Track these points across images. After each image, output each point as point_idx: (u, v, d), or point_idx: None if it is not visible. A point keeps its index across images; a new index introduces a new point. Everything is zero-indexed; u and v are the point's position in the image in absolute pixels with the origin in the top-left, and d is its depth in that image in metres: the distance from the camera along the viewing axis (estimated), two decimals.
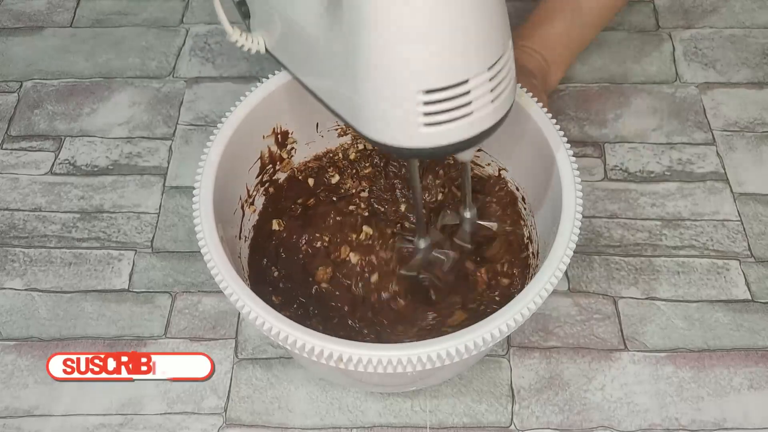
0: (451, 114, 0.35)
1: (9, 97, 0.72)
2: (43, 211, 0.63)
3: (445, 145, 0.36)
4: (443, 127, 0.35)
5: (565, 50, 0.63)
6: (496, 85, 0.36)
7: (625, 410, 0.52)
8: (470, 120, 0.36)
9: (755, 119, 0.68)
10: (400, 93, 0.35)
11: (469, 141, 0.37)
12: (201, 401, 0.53)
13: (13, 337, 0.56)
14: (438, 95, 0.34)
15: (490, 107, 0.36)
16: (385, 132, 0.37)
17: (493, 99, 0.36)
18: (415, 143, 0.36)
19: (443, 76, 0.34)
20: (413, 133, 0.36)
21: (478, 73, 0.35)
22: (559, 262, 0.42)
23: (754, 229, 0.61)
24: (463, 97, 0.35)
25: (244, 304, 0.40)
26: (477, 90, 0.35)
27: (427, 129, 0.35)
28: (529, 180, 0.52)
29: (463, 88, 0.35)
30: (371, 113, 0.37)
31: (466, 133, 0.36)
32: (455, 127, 0.36)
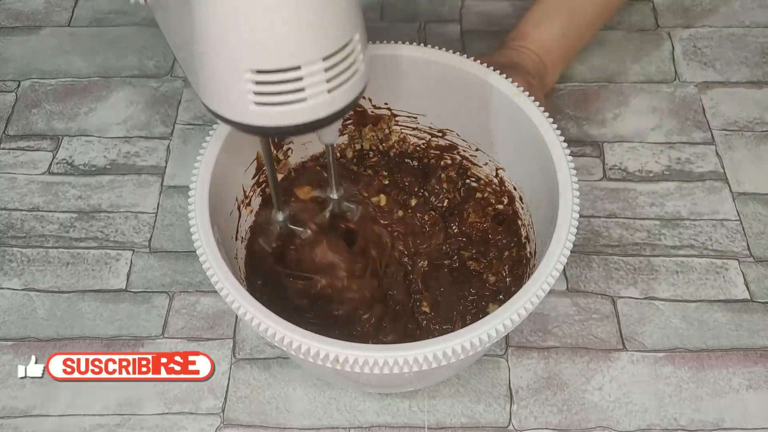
0: (282, 97, 0.35)
1: (7, 97, 0.71)
2: (40, 210, 0.63)
3: (276, 126, 0.36)
4: (275, 108, 0.35)
5: (562, 50, 0.63)
6: (334, 76, 0.36)
7: (624, 410, 0.52)
8: (303, 106, 0.36)
9: (755, 119, 0.68)
10: (232, 70, 0.35)
11: (304, 126, 0.37)
12: (199, 401, 0.53)
13: (11, 336, 0.56)
14: (267, 77, 0.34)
15: (326, 96, 0.36)
16: (220, 105, 0.37)
17: (330, 89, 0.36)
18: (248, 120, 0.36)
19: (273, 59, 0.34)
20: (245, 110, 0.36)
21: (311, 61, 0.34)
22: (555, 262, 0.41)
23: (753, 229, 0.61)
24: (295, 83, 0.35)
25: (240, 305, 0.40)
26: (310, 78, 0.35)
27: (258, 108, 0.35)
28: (527, 179, 0.52)
29: (294, 74, 0.34)
30: (208, 85, 0.37)
31: (299, 118, 0.36)
32: (287, 110, 0.36)
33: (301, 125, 0.37)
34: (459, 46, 0.74)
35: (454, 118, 0.55)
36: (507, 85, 0.49)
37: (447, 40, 0.74)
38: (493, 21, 0.76)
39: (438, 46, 0.52)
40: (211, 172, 0.45)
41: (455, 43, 0.74)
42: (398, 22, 0.77)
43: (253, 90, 0.35)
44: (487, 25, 0.76)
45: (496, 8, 0.77)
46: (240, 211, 0.52)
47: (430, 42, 0.53)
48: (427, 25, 0.76)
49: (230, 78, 0.35)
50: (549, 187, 0.46)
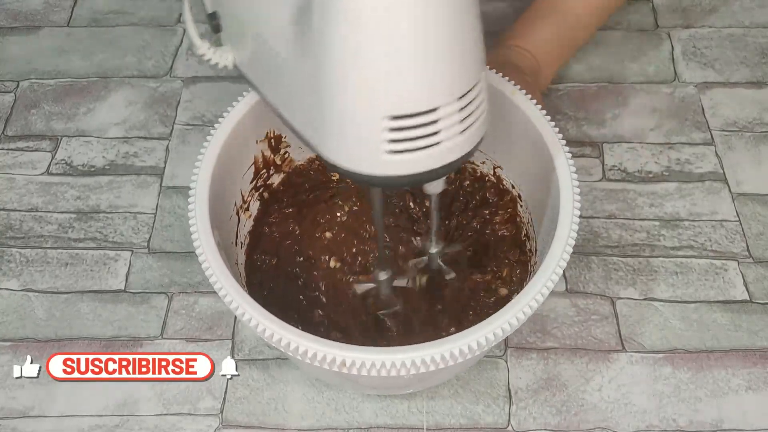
0: (418, 143, 0.34)
1: (6, 97, 0.71)
2: (39, 211, 0.63)
3: (410, 175, 0.35)
4: (409, 155, 0.34)
5: (556, 51, 0.63)
6: (466, 116, 0.35)
7: (623, 411, 0.52)
8: (437, 150, 0.35)
9: (754, 119, 0.68)
10: (365, 118, 0.34)
11: (436, 171, 0.36)
12: (197, 402, 0.53)
13: (9, 337, 0.56)
14: (404, 122, 0.33)
15: (460, 138, 0.35)
16: (348, 158, 0.36)
17: (463, 130, 0.35)
18: (379, 171, 0.35)
19: (410, 102, 0.33)
20: (377, 161, 0.35)
21: (447, 102, 0.34)
22: (556, 265, 0.41)
23: (752, 230, 0.61)
24: (431, 126, 0.34)
25: (238, 305, 0.40)
26: (446, 120, 0.34)
27: (392, 157, 0.34)
28: (525, 177, 0.52)
29: (431, 117, 0.33)
30: (335, 138, 0.36)
31: (433, 163, 0.35)
32: (421, 156, 0.34)
33: (432, 171, 0.35)
34: None
35: None
36: (503, 83, 0.49)
37: None
38: (492, 21, 0.76)
39: None
40: (210, 178, 0.45)
41: None
42: None
43: (387, 138, 0.34)
44: (487, 26, 0.75)
45: (496, 9, 0.77)
46: (239, 216, 0.52)
47: None
48: None
49: (362, 128, 0.34)
50: (548, 184, 0.46)
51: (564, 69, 0.71)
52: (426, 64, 0.33)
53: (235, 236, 0.51)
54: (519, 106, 0.48)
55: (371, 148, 0.34)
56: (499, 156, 0.54)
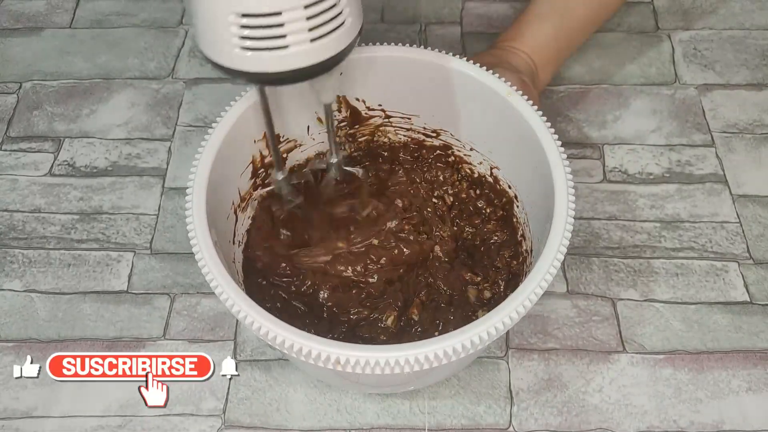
0: (266, 43, 0.37)
1: (8, 98, 0.72)
2: (42, 212, 0.64)
3: (262, 73, 0.38)
4: (258, 54, 0.37)
5: (553, 52, 0.63)
6: (315, 25, 0.37)
7: (624, 412, 0.52)
8: (285, 53, 0.37)
9: (754, 121, 0.68)
10: (217, 12, 0.37)
11: (287, 74, 0.38)
12: (199, 403, 0.53)
13: (12, 338, 0.56)
14: (251, 21, 0.36)
15: (308, 46, 0.37)
16: (211, 49, 0.39)
17: (312, 39, 0.37)
18: (234, 65, 0.38)
19: (256, 2, 0.36)
20: (231, 54, 0.38)
21: (292, 7, 0.36)
22: (551, 264, 0.41)
23: (753, 231, 0.61)
24: (277, 28, 0.36)
25: (234, 303, 0.40)
26: (292, 24, 0.36)
27: (243, 52, 0.37)
28: (522, 178, 0.52)
29: (276, 20, 0.36)
30: (201, 29, 0.39)
31: (282, 66, 0.38)
32: (271, 57, 0.37)
33: (284, 72, 0.38)
34: (459, 48, 0.74)
35: (448, 118, 0.55)
36: (500, 85, 0.49)
37: (447, 42, 0.75)
38: (493, 23, 0.76)
39: (438, 48, 0.52)
40: (207, 177, 0.45)
41: (456, 45, 0.74)
42: (399, 24, 0.77)
43: (239, 34, 0.37)
44: (488, 27, 0.76)
45: (497, 10, 0.78)
46: (237, 215, 0.52)
47: (430, 44, 0.53)
48: (428, 27, 0.76)
49: (218, 21, 0.37)
50: (543, 184, 0.46)
51: (564, 70, 0.72)
52: None
53: (232, 235, 0.51)
54: (515, 107, 0.48)
55: (225, 42, 0.37)
56: (495, 156, 0.54)
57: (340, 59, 0.40)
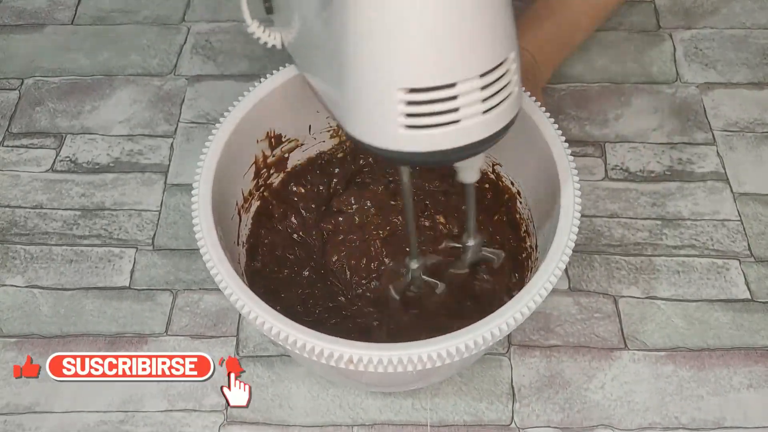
0: (435, 119, 0.33)
1: (10, 95, 0.72)
2: (44, 208, 0.64)
3: (427, 152, 0.35)
4: (426, 131, 0.34)
5: (554, 50, 0.64)
6: (490, 95, 0.34)
7: (625, 409, 0.52)
8: (457, 128, 0.34)
9: (755, 119, 0.68)
10: (382, 90, 0.33)
11: (456, 151, 0.35)
12: (202, 398, 0.53)
13: (14, 333, 0.56)
14: (420, 96, 0.33)
15: (481, 118, 0.34)
16: (367, 132, 0.35)
17: (486, 110, 0.34)
18: (396, 146, 0.35)
19: (427, 76, 0.32)
20: (394, 135, 0.34)
21: (466, 78, 0.33)
22: (557, 263, 0.42)
23: (753, 229, 0.61)
24: (449, 101, 0.33)
25: (238, 298, 0.40)
26: (465, 96, 0.33)
27: (408, 131, 0.34)
28: (525, 175, 0.52)
29: (449, 92, 0.33)
30: (355, 111, 0.35)
31: (452, 142, 0.34)
32: (439, 133, 0.34)
33: (452, 150, 0.34)
34: None
35: None
36: None
37: None
38: None
39: None
40: (213, 175, 0.45)
41: None
42: None
43: (404, 111, 0.33)
44: None
45: None
46: (240, 216, 0.52)
47: None
48: None
49: (379, 99, 0.34)
50: (548, 181, 0.46)
51: (566, 69, 0.72)
52: (444, 36, 0.32)
53: (236, 236, 0.51)
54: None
55: (388, 122, 0.34)
56: (497, 153, 0.54)
57: (507, 130, 0.36)
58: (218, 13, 0.78)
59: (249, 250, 0.53)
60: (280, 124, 0.53)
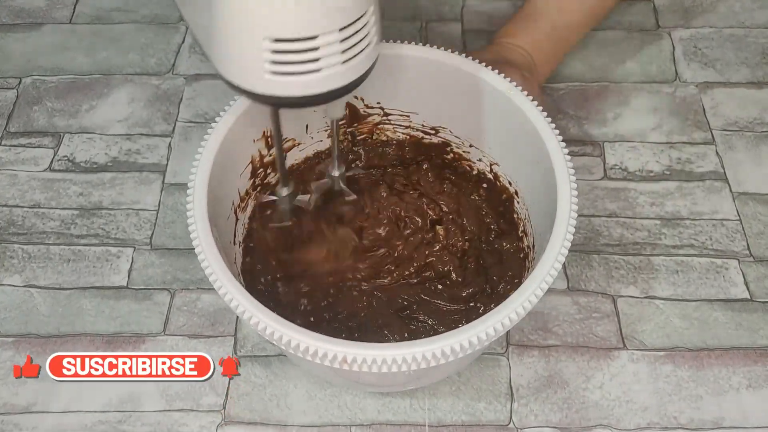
0: (298, 67, 0.36)
1: (8, 94, 0.71)
2: (41, 207, 0.63)
3: (291, 96, 0.37)
4: (289, 78, 0.36)
5: (551, 49, 0.64)
6: (349, 47, 0.36)
7: (624, 409, 0.52)
8: (318, 76, 0.36)
9: (755, 119, 0.68)
10: (249, 37, 0.35)
11: (318, 97, 0.37)
12: (200, 399, 0.53)
13: (12, 333, 0.56)
14: (284, 45, 0.35)
15: (341, 68, 0.37)
16: (237, 75, 0.38)
17: (345, 60, 0.37)
18: (261, 89, 0.37)
19: (291, 27, 0.35)
20: (259, 79, 0.36)
21: (328, 30, 0.35)
22: (554, 261, 0.41)
23: (753, 229, 0.61)
24: (311, 52, 0.35)
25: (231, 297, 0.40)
26: (326, 48, 0.36)
27: (273, 77, 0.36)
28: (522, 174, 0.52)
29: (311, 44, 0.35)
30: (225, 54, 0.37)
31: (313, 89, 0.37)
32: (302, 80, 0.36)
33: (314, 96, 0.37)
34: (460, 46, 0.74)
35: (447, 115, 0.55)
36: (500, 81, 0.49)
37: (448, 39, 0.75)
38: (493, 20, 0.76)
39: (438, 45, 0.52)
40: (209, 173, 0.45)
41: (456, 43, 0.74)
42: (399, 21, 0.77)
43: (270, 59, 0.35)
44: (488, 25, 0.76)
45: (497, 8, 0.78)
46: (237, 216, 0.52)
47: (431, 41, 0.53)
48: (429, 24, 0.76)
49: (247, 46, 0.36)
50: (545, 181, 0.46)
51: (565, 68, 0.72)
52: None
53: (233, 236, 0.51)
54: (516, 104, 0.48)
55: (255, 68, 0.36)
56: (495, 153, 0.54)
57: (365, 78, 0.39)
58: None
59: (245, 249, 0.53)
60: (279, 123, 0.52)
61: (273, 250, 0.53)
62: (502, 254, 0.54)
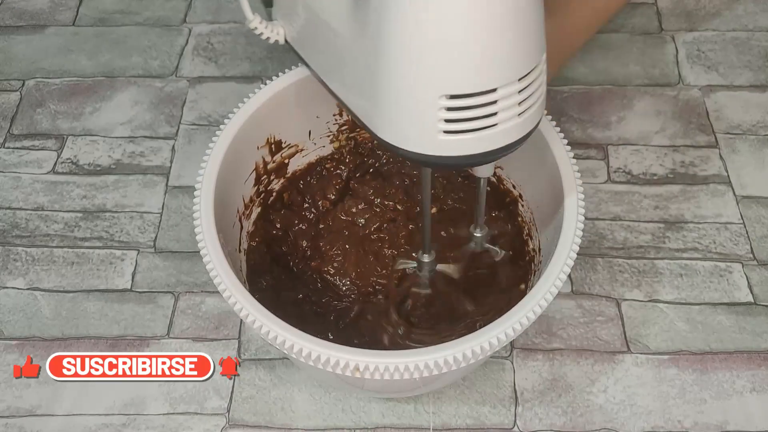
0: (474, 123, 0.33)
1: (11, 96, 0.71)
2: (45, 210, 0.63)
3: (464, 156, 0.35)
4: (464, 136, 0.34)
5: (555, 51, 0.63)
6: (525, 98, 0.34)
7: (628, 412, 0.52)
8: (494, 132, 0.34)
9: (758, 122, 0.68)
10: (422, 96, 0.33)
11: (491, 153, 0.35)
12: (204, 402, 0.53)
13: (16, 336, 0.56)
14: (461, 102, 0.33)
15: (517, 120, 0.34)
16: (402, 137, 0.35)
17: (521, 112, 0.34)
18: (433, 151, 0.35)
19: (469, 82, 0.32)
20: (432, 141, 0.34)
21: (507, 82, 0.33)
22: (561, 267, 0.41)
23: (756, 232, 0.61)
24: (489, 107, 0.33)
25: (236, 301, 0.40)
26: (504, 101, 0.33)
27: (447, 137, 0.34)
28: (527, 178, 0.52)
29: (489, 98, 0.33)
30: (390, 117, 0.35)
31: (489, 145, 0.35)
32: (477, 138, 0.34)
33: (489, 152, 0.35)
34: None
35: None
36: None
37: None
38: None
39: None
40: (215, 181, 0.45)
41: None
42: None
43: (444, 117, 0.33)
44: None
45: None
46: (242, 223, 0.52)
47: None
48: None
49: (419, 105, 0.33)
50: (550, 184, 0.46)
51: (569, 71, 0.72)
52: (487, 43, 0.32)
53: (238, 243, 0.51)
54: None
55: (426, 128, 0.34)
56: None
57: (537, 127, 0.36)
58: (219, 15, 0.77)
59: (250, 256, 0.53)
60: (281, 129, 0.52)
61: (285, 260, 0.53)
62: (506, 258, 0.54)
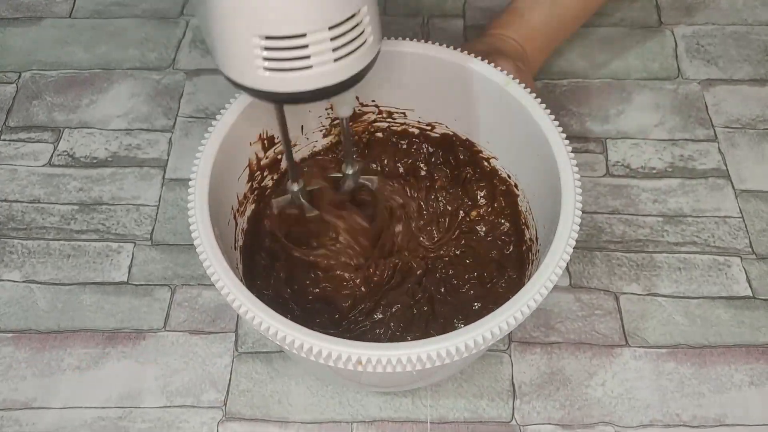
0: (290, 63, 0.37)
1: (7, 88, 0.71)
2: (41, 202, 0.63)
3: (286, 93, 0.38)
4: (282, 74, 0.37)
5: (544, 40, 0.63)
6: (340, 45, 0.37)
7: (626, 406, 0.52)
8: (309, 73, 0.37)
9: (757, 116, 0.68)
10: (242, 35, 0.36)
11: (311, 93, 0.38)
12: (200, 395, 0.53)
13: (11, 329, 0.56)
14: (275, 43, 0.36)
15: (332, 66, 0.37)
16: (234, 70, 0.39)
17: (336, 58, 0.37)
18: (256, 85, 0.38)
19: (280, 25, 0.36)
20: (254, 75, 0.38)
21: (317, 29, 0.36)
22: (558, 260, 0.41)
23: (755, 226, 0.61)
24: (301, 50, 0.36)
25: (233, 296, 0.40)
26: (316, 46, 0.36)
27: (266, 73, 0.37)
28: (522, 167, 0.52)
29: (301, 41, 0.36)
30: (222, 51, 0.38)
31: (306, 86, 0.38)
32: (294, 77, 0.37)
33: (308, 92, 0.38)
34: (462, 41, 0.74)
35: (443, 110, 0.54)
36: (497, 74, 0.49)
37: (450, 35, 0.74)
38: (496, 17, 0.76)
39: (440, 41, 0.52)
40: (209, 176, 0.45)
41: (458, 39, 0.74)
42: (401, 16, 0.76)
43: (263, 56, 0.37)
44: (491, 21, 0.75)
45: (500, 4, 0.77)
46: (236, 220, 0.51)
47: (433, 37, 0.53)
48: (431, 20, 0.76)
49: (241, 44, 0.37)
50: (546, 174, 0.46)
51: (567, 65, 0.72)
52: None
53: (234, 240, 0.51)
54: (514, 97, 0.48)
55: (249, 64, 0.37)
56: (493, 147, 0.54)
57: (361, 77, 0.40)
58: None
59: (246, 253, 0.52)
60: (273, 125, 0.52)
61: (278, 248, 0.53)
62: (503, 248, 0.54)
